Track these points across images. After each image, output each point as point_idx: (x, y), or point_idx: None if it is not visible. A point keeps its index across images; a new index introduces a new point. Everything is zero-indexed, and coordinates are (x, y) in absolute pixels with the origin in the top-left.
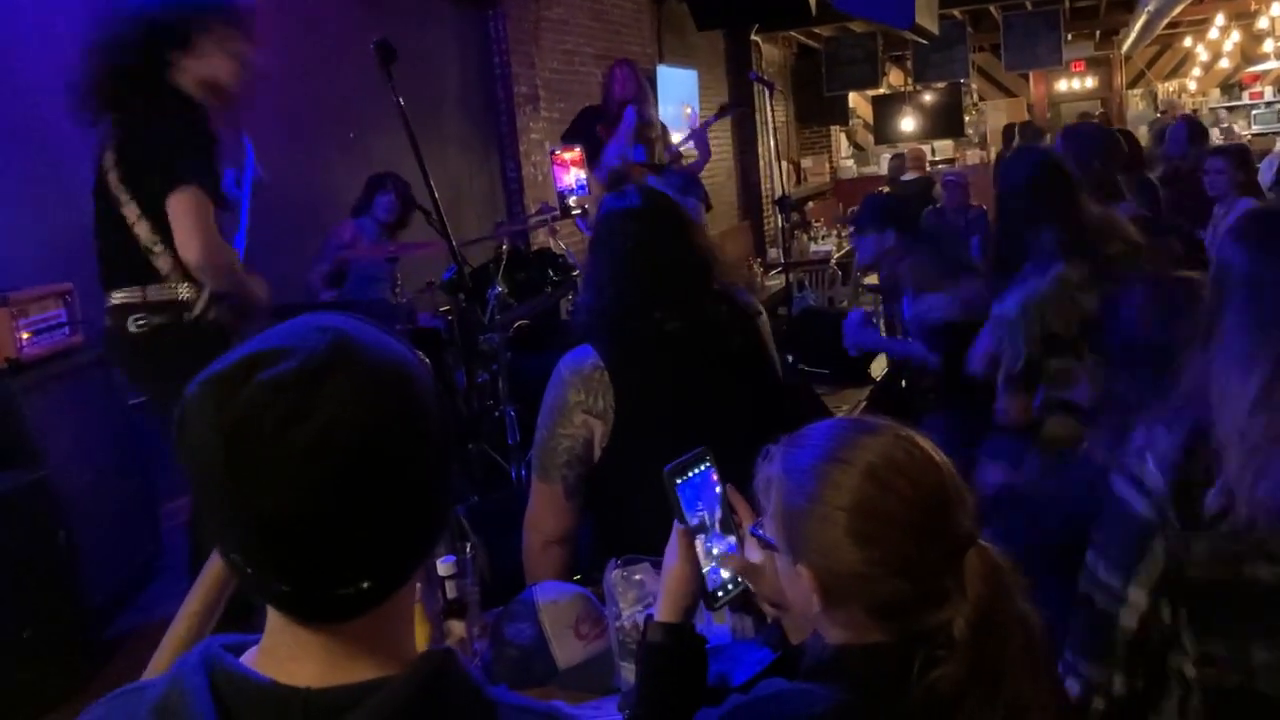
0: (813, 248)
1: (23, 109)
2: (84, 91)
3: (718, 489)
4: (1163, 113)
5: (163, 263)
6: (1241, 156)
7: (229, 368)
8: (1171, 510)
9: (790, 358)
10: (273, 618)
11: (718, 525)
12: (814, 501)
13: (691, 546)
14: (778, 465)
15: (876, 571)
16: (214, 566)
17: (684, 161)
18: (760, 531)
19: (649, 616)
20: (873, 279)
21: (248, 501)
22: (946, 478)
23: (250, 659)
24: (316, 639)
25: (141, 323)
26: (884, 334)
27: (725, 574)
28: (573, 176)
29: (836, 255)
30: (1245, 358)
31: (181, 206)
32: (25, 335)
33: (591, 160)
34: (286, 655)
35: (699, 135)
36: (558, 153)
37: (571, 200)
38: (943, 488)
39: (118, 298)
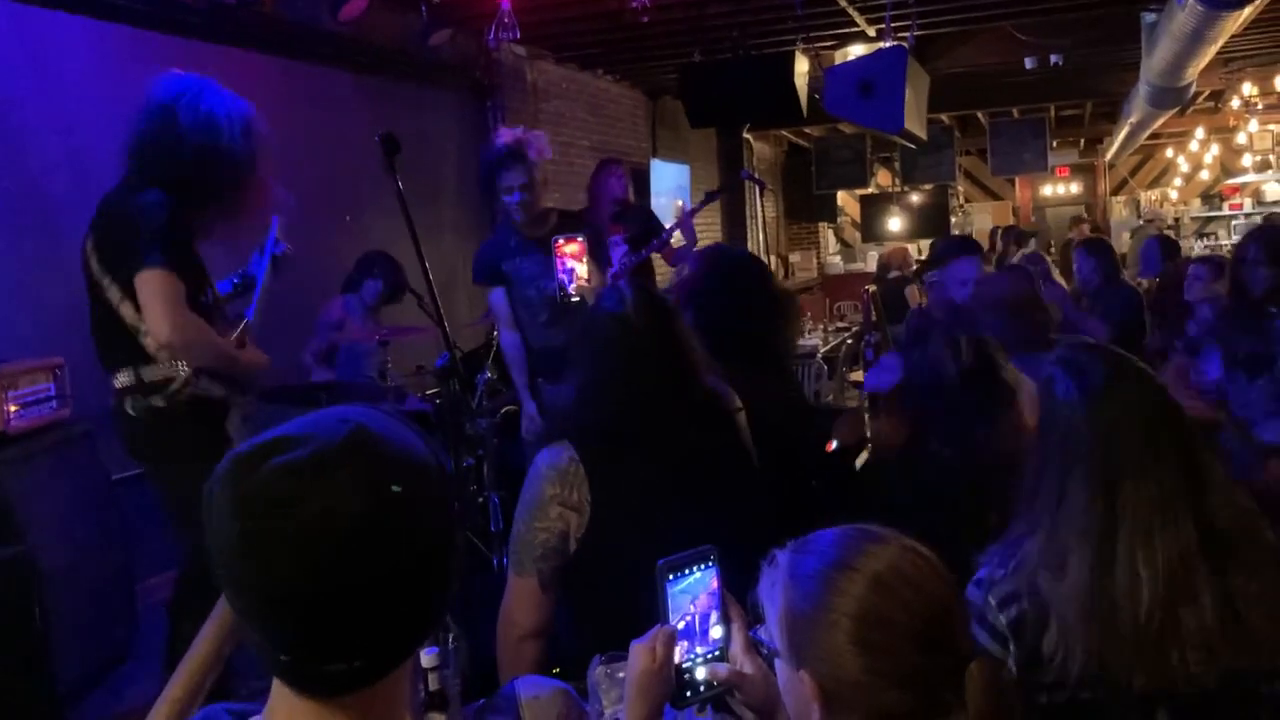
0: (799, 341)
1: (24, 186)
2: None
3: (716, 591)
4: (1149, 221)
5: (150, 342)
6: (1222, 268)
7: (252, 449)
8: (1014, 646)
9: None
10: (275, 687)
11: (708, 627)
12: (819, 608)
13: (671, 646)
14: (783, 570)
15: (879, 681)
16: (207, 634)
17: (673, 245)
18: (762, 636)
19: None
20: (858, 375)
21: (253, 573)
22: (950, 591)
23: None
24: (312, 709)
25: (139, 405)
26: None
27: (700, 675)
28: (572, 267)
29: (823, 349)
30: (1083, 518)
31: (149, 286)
32: (13, 408)
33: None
34: None
35: (685, 223)
36: (559, 243)
37: (572, 288)
38: (947, 600)
39: (117, 381)
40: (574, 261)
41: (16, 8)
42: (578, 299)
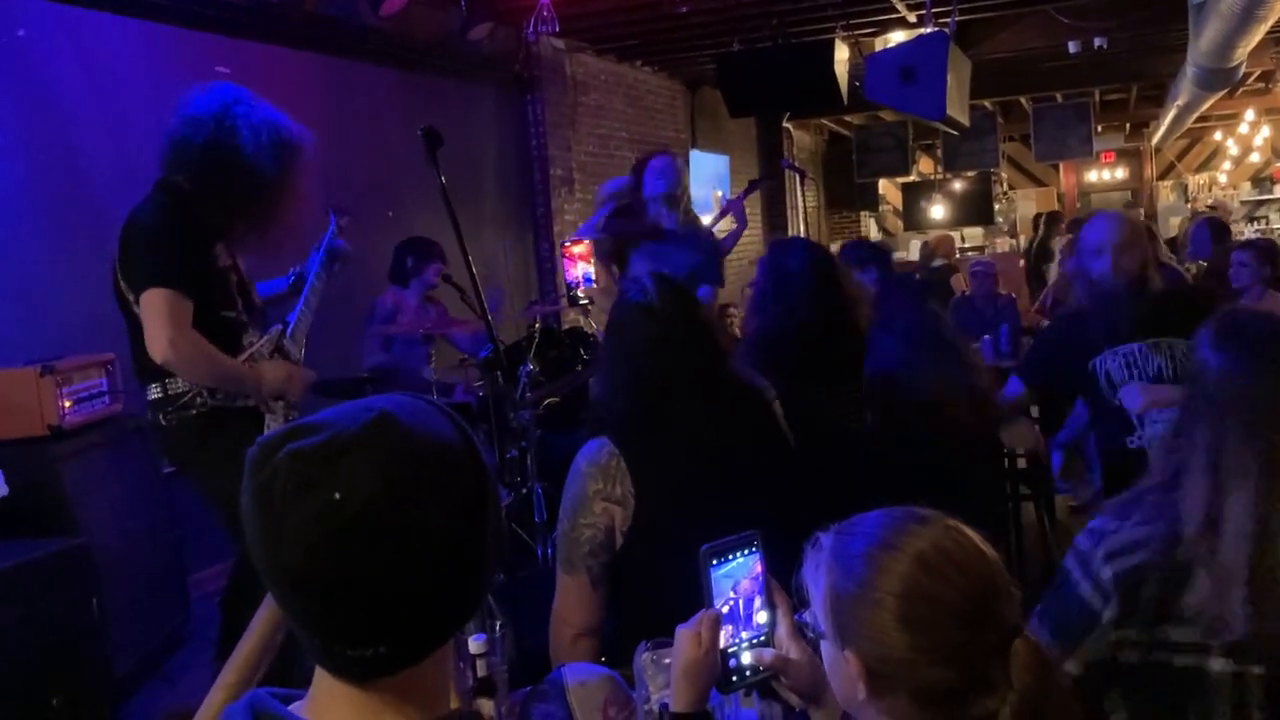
0: None
1: (75, 184)
2: None
3: (759, 576)
4: (1212, 207)
5: None
6: (1268, 251)
7: (275, 436)
8: (1115, 601)
9: None
10: (317, 670)
11: (753, 612)
12: (864, 587)
13: (716, 631)
14: (827, 552)
15: (924, 659)
16: (260, 622)
17: (718, 234)
18: (807, 618)
19: (664, 706)
20: None
21: (273, 557)
22: (994, 568)
23: (295, 708)
24: (349, 693)
25: (170, 416)
26: None
27: (746, 660)
28: (580, 269)
29: None
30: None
31: (150, 304)
32: (68, 403)
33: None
34: (324, 705)
35: (736, 206)
36: (567, 245)
37: (579, 291)
38: (991, 578)
39: (149, 394)
40: (584, 263)
41: (64, 10)
42: (586, 300)
